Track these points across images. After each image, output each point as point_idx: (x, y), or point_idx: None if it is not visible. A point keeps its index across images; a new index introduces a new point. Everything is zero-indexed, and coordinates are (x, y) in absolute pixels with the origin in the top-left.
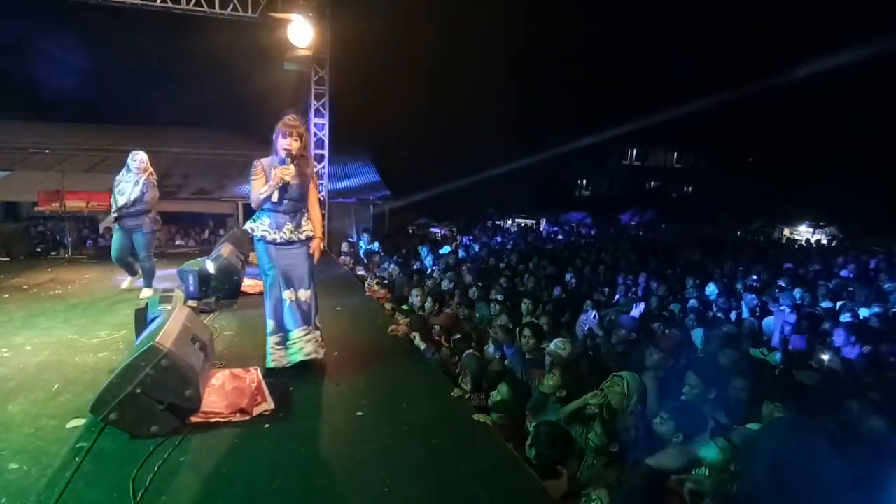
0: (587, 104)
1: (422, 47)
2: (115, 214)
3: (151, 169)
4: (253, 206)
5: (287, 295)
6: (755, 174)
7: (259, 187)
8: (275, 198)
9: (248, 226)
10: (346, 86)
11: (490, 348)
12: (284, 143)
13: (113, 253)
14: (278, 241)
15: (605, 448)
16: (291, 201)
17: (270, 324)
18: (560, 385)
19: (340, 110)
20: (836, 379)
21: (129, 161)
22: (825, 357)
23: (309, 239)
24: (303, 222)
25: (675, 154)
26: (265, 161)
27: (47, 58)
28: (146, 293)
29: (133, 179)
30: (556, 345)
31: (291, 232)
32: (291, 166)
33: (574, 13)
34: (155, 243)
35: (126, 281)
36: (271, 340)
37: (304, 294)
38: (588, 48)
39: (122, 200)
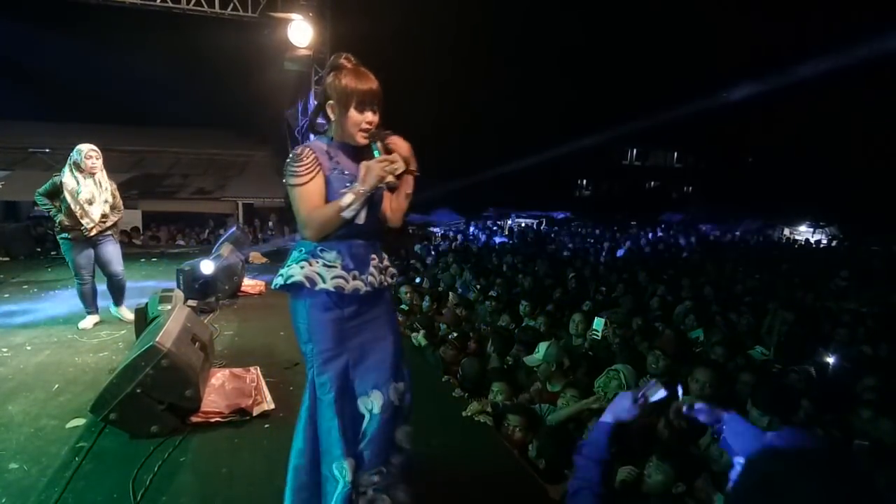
0: (587, 103)
1: (422, 47)
2: (97, 230)
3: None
4: (308, 233)
5: (374, 399)
6: (755, 174)
7: (315, 198)
8: (361, 217)
9: (296, 276)
10: None
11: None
12: (361, 118)
13: (82, 279)
14: (362, 290)
15: None
16: (376, 216)
17: (348, 465)
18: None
19: None
20: (834, 379)
21: (79, 159)
22: (828, 358)
23: (394, 277)
24: (382, 252)
25: (675, 154)
26: (317, 147)
27: (46, 58)
28: (128, 315)
29: (94, 181)
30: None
31: (381, 271)
32: (397, 157)
33: (574, 12)
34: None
35: (87, 320)
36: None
37: (401, 387)
38: (588, 47)
39: (96, 210)
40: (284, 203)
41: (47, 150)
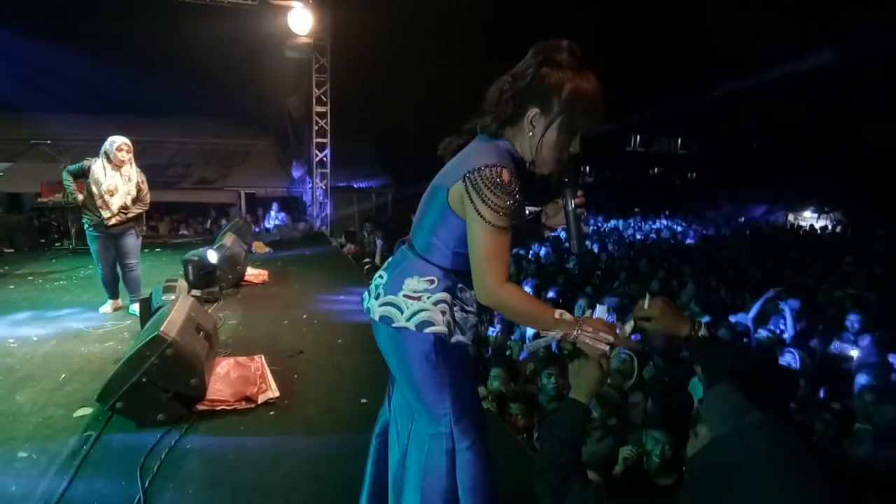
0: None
1: (424, 33)
2: (115, 220)
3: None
4: (483, 295)
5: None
6: (759, 160)
7: (509, 250)
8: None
9: (437, 324)
10: (346, 73)
11: (490, 335)
12: (571, 146)
13: (101, 267)
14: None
15: (601, 422)
16: None
17: None
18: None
19: (342, 98)
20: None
21: (109, 150)
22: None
23: None
24: None
25: (679, 140)
26: (513, 169)
27: (45, 48)
28: (137, 309)
29: (121, 174)
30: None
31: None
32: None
33: None
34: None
35: (108, 305)
36: None
37: None
38: (592, 33)
39: (117, 202)
40: (286, 192)
41: (48, 142)
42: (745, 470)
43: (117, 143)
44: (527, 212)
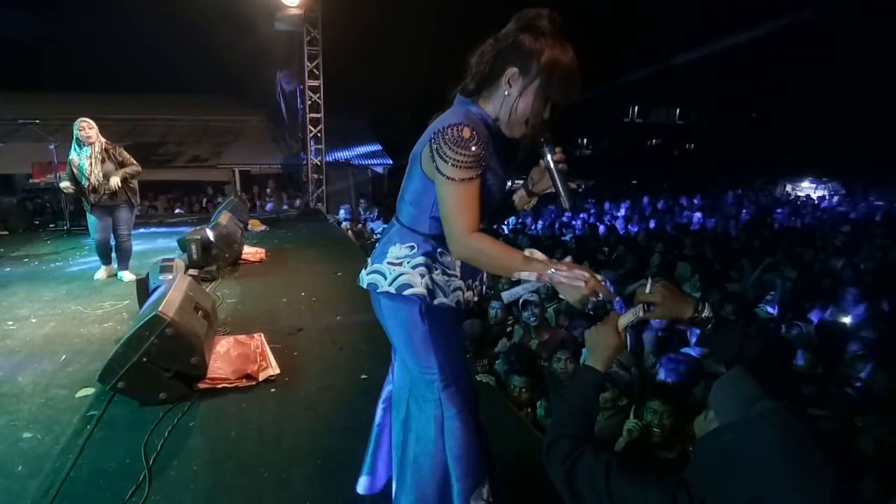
0: (586, 60)
1: (418, 2)
2: (107, 197)
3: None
4: (457, 249)
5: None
6: (758, 130)
7: (477, 205)
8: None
9: (416, 286)
10: (339, 46)
11: (492, 311)
12: (544, 112)
13: (96, 236)
14: (472, 303)
15: (613, 402)
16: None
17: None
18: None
19: (335, 72)
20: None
21: (76, 133)
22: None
23: None
24: None
25: (678, 111)
26: (481, 129)
27: (32, 27)
28: (129, 276)
29: (93, 151)
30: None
31: (482, 282)
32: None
33: None
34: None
35: (102, 271)
36: None
37: None
38: (589, 1)
39: (99, 179)
40: (281, 169)
41: (37, 121)
42: (751, 460)
43: (77, 122)
44: (507, 184)
